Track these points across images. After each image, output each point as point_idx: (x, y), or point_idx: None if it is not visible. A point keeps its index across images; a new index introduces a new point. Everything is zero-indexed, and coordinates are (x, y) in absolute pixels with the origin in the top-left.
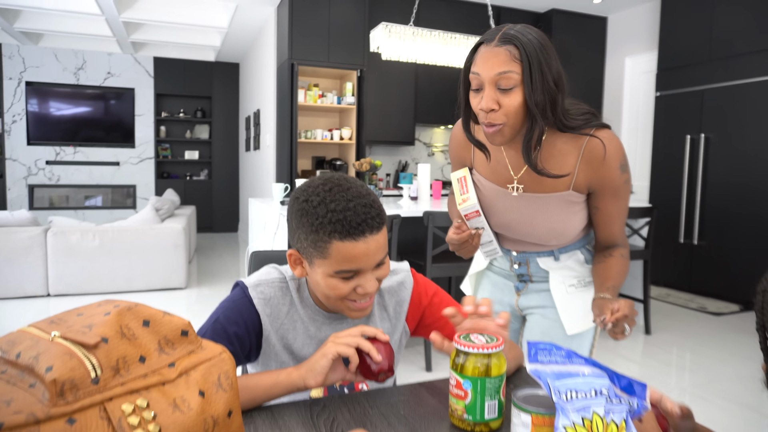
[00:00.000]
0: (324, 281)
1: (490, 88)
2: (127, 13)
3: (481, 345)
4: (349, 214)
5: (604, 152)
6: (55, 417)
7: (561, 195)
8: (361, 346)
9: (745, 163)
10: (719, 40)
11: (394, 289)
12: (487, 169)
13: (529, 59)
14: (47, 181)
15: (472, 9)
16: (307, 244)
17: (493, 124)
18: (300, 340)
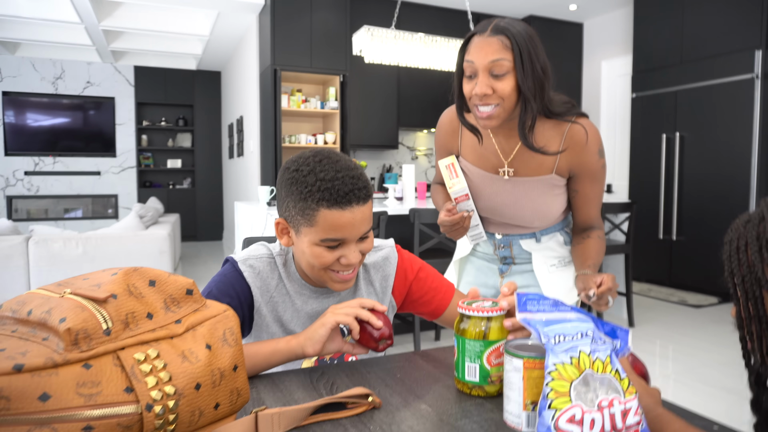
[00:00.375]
0: (309, 249)
1: (484, 74)
2: (107, 21)
3: (467, 307)
4: (337, 184)
5: (586, 138)
6: (72, 362)
7: (545, 178)
8: (360, 315)
9: (718, 159)
10: (690, 43)
11: (379, 264)
12: (474, 155)
13: (519, 48)
14: (26, 192)
15: (452, 15)
16: (295, 212)
17: (488, 106)
18: (288, 313)
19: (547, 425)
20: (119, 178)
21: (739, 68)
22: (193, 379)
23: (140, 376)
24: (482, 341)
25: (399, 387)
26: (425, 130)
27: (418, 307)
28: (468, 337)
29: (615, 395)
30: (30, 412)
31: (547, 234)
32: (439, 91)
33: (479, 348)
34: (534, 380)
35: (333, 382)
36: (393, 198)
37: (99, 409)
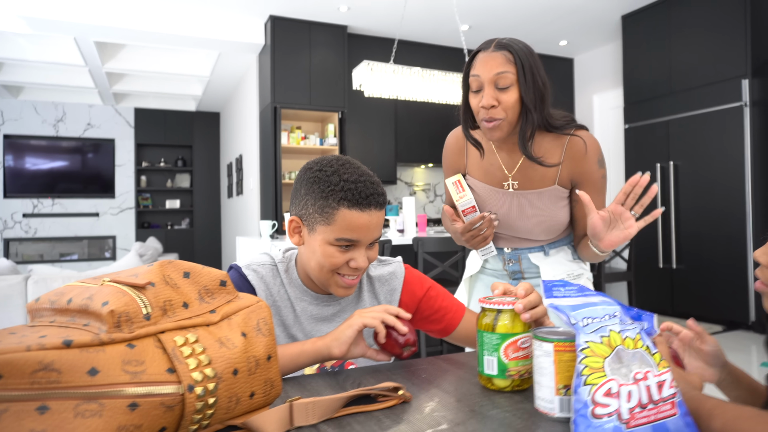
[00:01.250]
0: (321, 248)
1: (489, 87)
2: (110, 64)
3: (486, 300)
4: (360, 186)
5: (585, 148)
6: (116, 341)
7: (548, 190)
8: (386, 321)
9: (712, 187)
10: (678, 73)
11: (385, 278)
12: (480, 171)
13: (521, 62)
14: (23, 234)
15: (448, 52)
16: (314, 210)
17: (493, 119)
18: (290, 318)
19: (584, 401)
20: (117, 219)
21: (728, 97)
22: (231, 365)
23: (181, 358)
24: (499, 334)
25: (426, 385)
26: (423, 165)
27: (428, 324)
28: (486, 330)
29: (648, 368)
30: (79, 386)
31: (555, 247)
32: (435, 127)
33: (496, 341)
34: (565, 363)
35: (360, 383)
36: (395, 230)
37: (144, 386)
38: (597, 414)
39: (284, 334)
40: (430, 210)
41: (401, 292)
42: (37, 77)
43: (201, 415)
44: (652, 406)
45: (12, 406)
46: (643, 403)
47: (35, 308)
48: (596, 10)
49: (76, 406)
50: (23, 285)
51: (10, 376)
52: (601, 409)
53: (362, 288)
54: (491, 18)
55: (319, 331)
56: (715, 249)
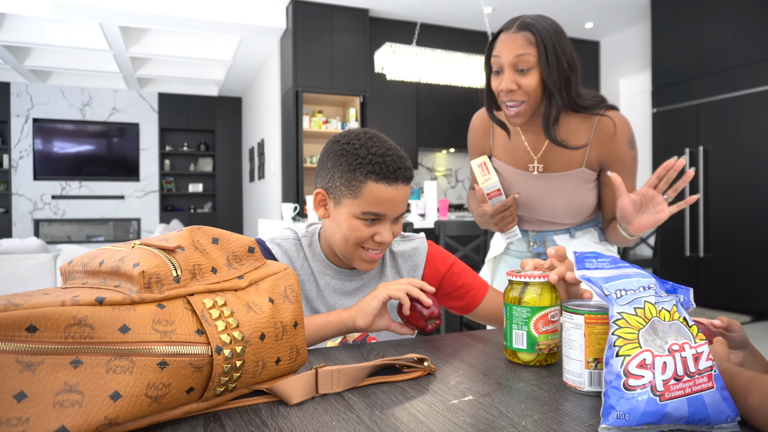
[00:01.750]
0: (347, 222)
1: (509, 70)
2: (134, 48)
3: (515, 273)
4: (388, 160)
5: (614, 129)
6: (147, 301)
7: (575, 173)
8: (411, 293)
9: (744, 173)
10: (710, 55)
11: (408, 253)
12: (506, 154)
13: (544, 43)
14: (52, 215)
15: (470, 35)
16: (340, 183)
17: (514, 103)
18: (313, 292)
19: (616, 372)
20: (142, 202)
21: (762, 79)
22: (258, 329)
23: (210, 320)
24: (529, 307)
25: (451, 359)
26: (444, 150)
27: (451, 300)
28: (515, 304)
29: (685, 340)
30: (111, 342)
31: (581, 230)
32: (457, 111)
33: (526, 314)
34: (596, 336)
35: (384, 355)
36: (416, 214)
37: (173, 345)
38: (630, 386)
39: (307, 307)
40: (452, 195)
41: (424, 268)
42: (64, 62)
43: (228, 377)
44: (687, 378)
45: (47, 359)
46: (679, 375)
47: (68, 270)
48: None
49: (108, 361)
50: (53, 263)
51: (45, 329)
52: (634, 380)
53: (385, 263)
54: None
55: (341, 305)
56: (745, 238)
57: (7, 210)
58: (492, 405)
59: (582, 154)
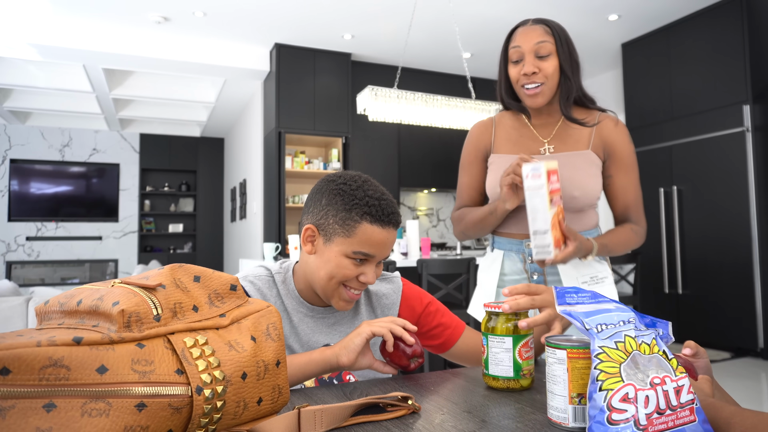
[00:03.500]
0: (336, 260)
1: (530, 56)
2: (117, 90)
3: (495, 305)
4: (383, 204)
5: (616, 121)
6: (126, 340)
7: (582, 153)
8: (393, 331)
9: (717, 211)
10: (679, 99)
11: (383, 292)
12: (508, 145)
13: (558, 34)
14: (26, 257)
15: (450, 79)
16: (334, 221)
17: (534, 85)
18: (287, 329)
19: (599, 406)
20: (120, 243)
21: (730, 122)
22: (239, 368)
23: (190, 359)
24: (513, 336)
25: (435, 396)
26: (425, 190)
27: (427, 340)
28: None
29: (666, 373)
30: (88, 384)
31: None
32: (438, 152)
33: (511, 343)
34: (579, 371)
35: (367, 394)
36: (398, 253)
37: (152, 386)
38: (613, 420)
39: None
40: (434, 234)
41: (400, 307)
42: (45, 103)
43: (208, 419)
44: (670, 411)
45: (19, 403)
46: (661, 408)
47: (44, 311)
48: (596, 39)
49: (83, 404)
50: (24, 307)
51: (18, 372)
52: (617, 414)
53: (360, 302)
54: (493, 45)
55: (316, 342)
56: (722, 274)
57: None
58: None
59: (587, 137)
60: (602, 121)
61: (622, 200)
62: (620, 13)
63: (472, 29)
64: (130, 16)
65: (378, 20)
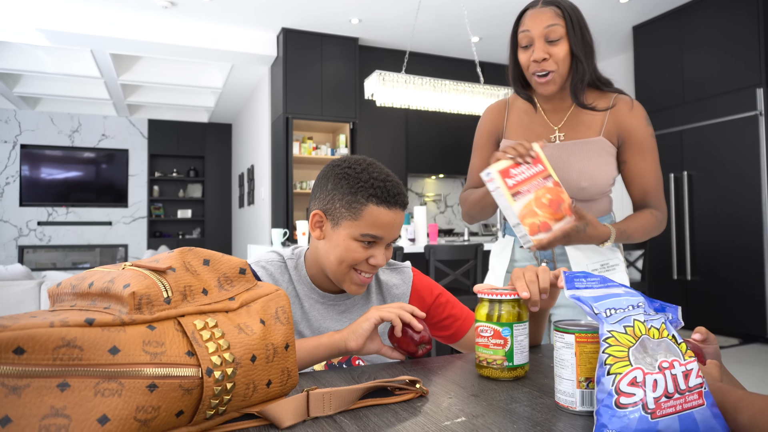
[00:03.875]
0: (345, 243)
1: (539, 41)
2: (125, 76)
3: (513, 291)
4: (389, 185)
5: (632, 104)
6: (137, 322)
7: (594, 140)
8: (402, 317)
9: (728, 197)
10: (691, 83)
11: (394, 282)
12: (521, 131)
13: (570, 16)
14: (38, 242)
15: (458, 63)
16: (341, 205)
17: (545, 72)
18: (298, 314)
19: (607, 390)
20: (130, 228)
21: (742, 106)
22: (249, 350)
23: (201, 342)
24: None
25: (442, 381)
26: (433, 176)
27: (437, 330)
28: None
29: (674, 357)
30: (101, 364)
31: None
32: (446, 137)
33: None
34: (587, 355)
35: (375, 378)
36: (406, 239)
37: (163, 368)
38: (621, 404)
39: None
40: (441, 220)
41: (410, 298)
42: (54, 89)
43: (218, 400)
44: (678, 395)
45: (34, 382)
46: (669, 392)
47: (57, 292)
48: (607, 22)
49: (96, 384)
50: (37, 290)
51: (33, 351)
52: (625, 398)
53: (371, 290)
54: (501, 29)
55: (326, 328)
56: (731, 260)
57: None
58: (485, 426)
59: (600, 123)
60: (616, 104)
61: (640, 185)
62: None
63: (480, 13)
64: (137, 1)
65: (385, 4)
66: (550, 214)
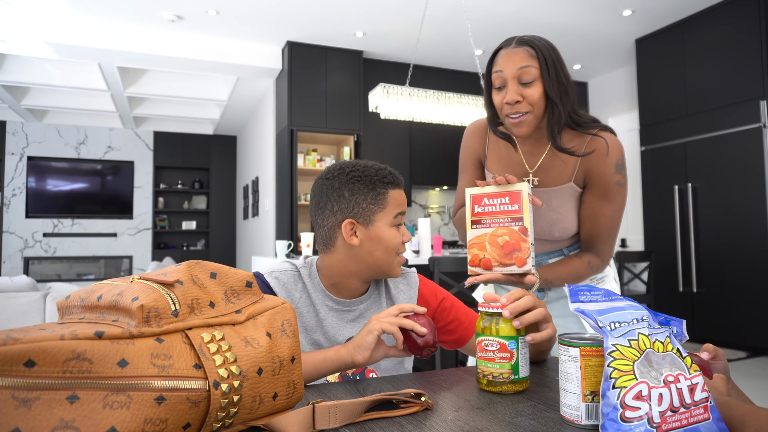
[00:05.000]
0: (386, 233)
1: (512, 82)
2: (132, 88)
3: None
4: (388, 171)
5: (607, 149)
6: (146, 335)
7: (564, 188)
8: (403, 324)
9: (732, 209)
10: (694, 95)
11: (400, 288)
12: (499, 166)
13: (544, 56)
14: (43, 253)
15: (462, 76)
16: (367, 204)
17: (519, 114)
18: (313, 322)
19: (613, 404)
20: (134, 240)
21: (746, 118)
22: (255, 363)
23: (208, 354)
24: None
25: (448, 394)
26: (437, 188)
27: (442, 335)
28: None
29: (679, 371)
30: (109, 377)
31: (574, 250)
32: (450, 149)
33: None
34: (592, 369)
35: (380, 391)
36: (410, 251)
37: (171, 380)
38: (627, 417)
39: (306, 339)
40: (445, 232)
41: (416, 303)
42: (62, 101)
43: (225, 413)
44: (683, 409)
45: (44, 395)
46: (675, 406)
47: (65, 305)
48: (610, 35)
49: (105, 396)
50: (42, 302)
51: (43, 364)
52: (631, 412)
53: (381, 294)
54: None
55: (341, 335)
56: (737, 272)
57: None
58: None
59: (571, 169)
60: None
61: (589, 227)
62: (634, 8)
63: (484, 26)
64: (144, 14)
65: (390, 17)
66: (498, 256)
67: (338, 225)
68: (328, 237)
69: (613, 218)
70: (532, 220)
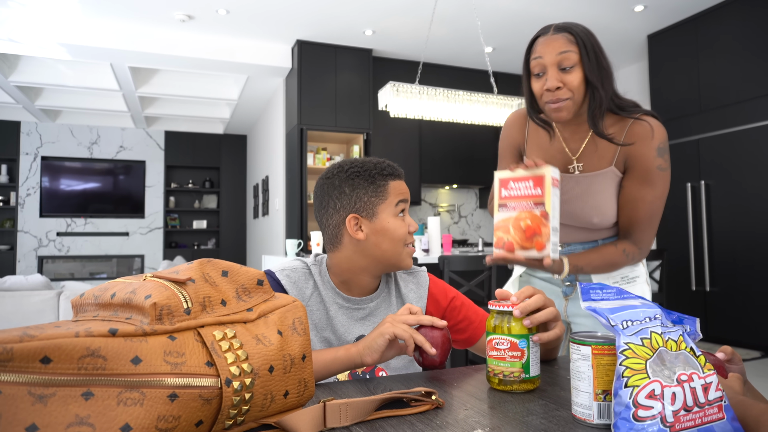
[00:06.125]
0: (390, 224)
1: (552, 69)
2: (143, 88)
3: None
4: (386, 164)
5: (651, 133)
6: (159, 332)
7: (605, 172)
8: (415, 339)
9: (747, 206)
10: (707, 91)
11: (411, 287)
12: (540, 153)
13: (583, 41)
14: (57, 252)
15: (472, 74)
16: (368, 198)
17: (559, 100)
18: (323, 320)
19: (625, 403)
20: (146, 239)
21: (760, 114)
22: (267, 361)
23: (220, 352)
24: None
25: (458, 392)
26: (447, 186)
27: (453, 334)
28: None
29: (693, 370)
30: (123, 374)
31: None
32: (460, 148)
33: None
34: (604, 367)
35: (391, 389)
36: (420, 249)
37: (183, 377)
38: (639, 417)
39: (317, 336)
40: (455, 231)
41: (426, 302)
42: (75, 102)
43: (237, 410)
44: (697, 409)
45: (59, 391)
46: (688, 405)
47: (80, 303)
48: (621, 31)
49: (119, 393)
50: (56, 300)
51: (59, 361)
52: (643, 411)
53: (391, 293)
54: (515, 40)
55: (350, 333)
56: (751, 271)
57: (11, 247)
58: None
59: (612, 153)
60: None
61: (628, 213)
62: (646, 3)
63: (494, 23)
64: (155, 15)
65: (399, 15)
66: (520, 239)
67: (342, 222)
68: (334, 235)
69: (653, 204)
70: (555, 205)
